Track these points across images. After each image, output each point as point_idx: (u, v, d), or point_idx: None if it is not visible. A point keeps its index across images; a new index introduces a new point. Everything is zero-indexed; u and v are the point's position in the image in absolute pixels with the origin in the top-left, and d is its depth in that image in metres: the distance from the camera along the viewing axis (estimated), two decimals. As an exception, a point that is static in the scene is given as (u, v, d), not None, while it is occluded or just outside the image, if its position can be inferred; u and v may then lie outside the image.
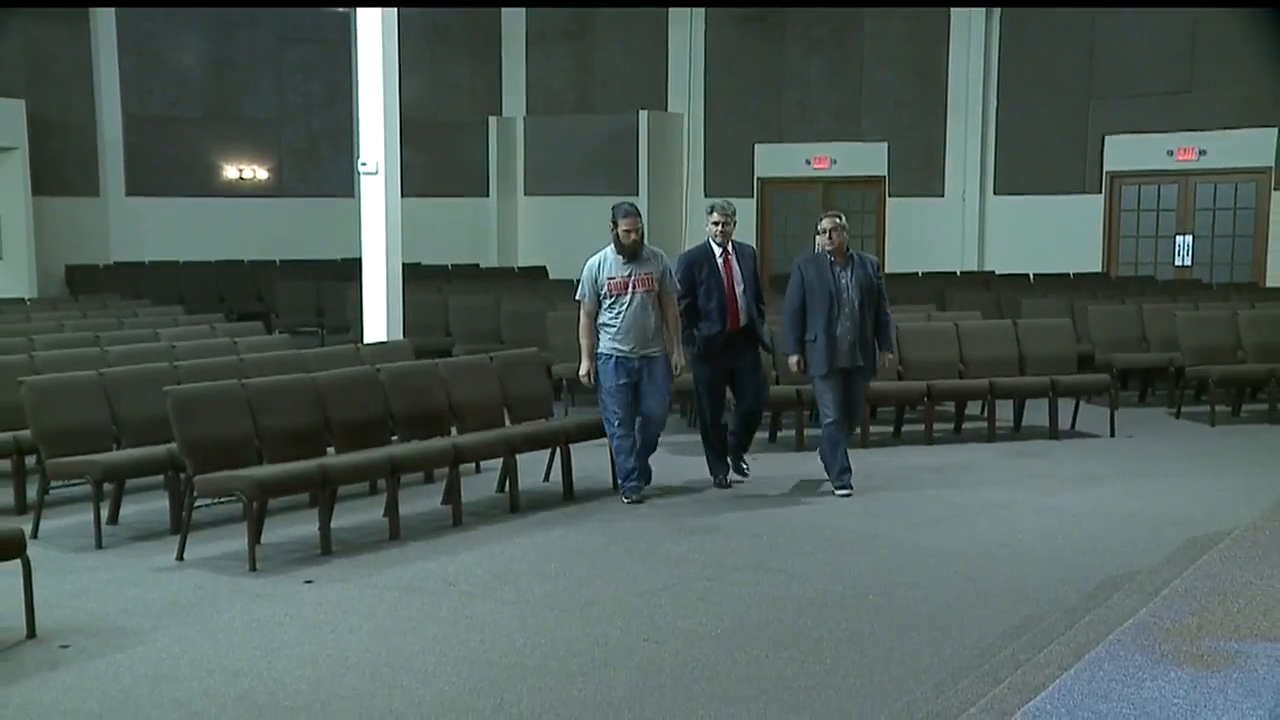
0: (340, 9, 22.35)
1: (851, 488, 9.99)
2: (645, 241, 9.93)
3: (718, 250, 10.17)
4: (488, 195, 25.24)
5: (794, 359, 10.00)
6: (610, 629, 6.97)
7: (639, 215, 9.89)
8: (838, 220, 10.03)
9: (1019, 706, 4.96)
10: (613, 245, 9.80)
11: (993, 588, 7.73)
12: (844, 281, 9.85)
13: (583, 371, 9.92)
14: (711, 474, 10.46)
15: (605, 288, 9.71)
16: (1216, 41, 20.04)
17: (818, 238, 10.05)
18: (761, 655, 6.56)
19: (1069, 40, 21.61)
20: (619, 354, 9.69)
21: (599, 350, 9.76)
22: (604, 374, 9.76)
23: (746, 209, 23.96)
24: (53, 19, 22.84)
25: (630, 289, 9.67)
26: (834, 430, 9.98)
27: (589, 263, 9.87)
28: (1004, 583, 7.84)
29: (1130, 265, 21.42)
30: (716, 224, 10.17)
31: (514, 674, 6.29)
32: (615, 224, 9.80)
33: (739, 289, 10.11)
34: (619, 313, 9.68)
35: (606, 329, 9.74)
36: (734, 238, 10.29)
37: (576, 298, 10.02)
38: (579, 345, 10.00)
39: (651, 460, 10.07)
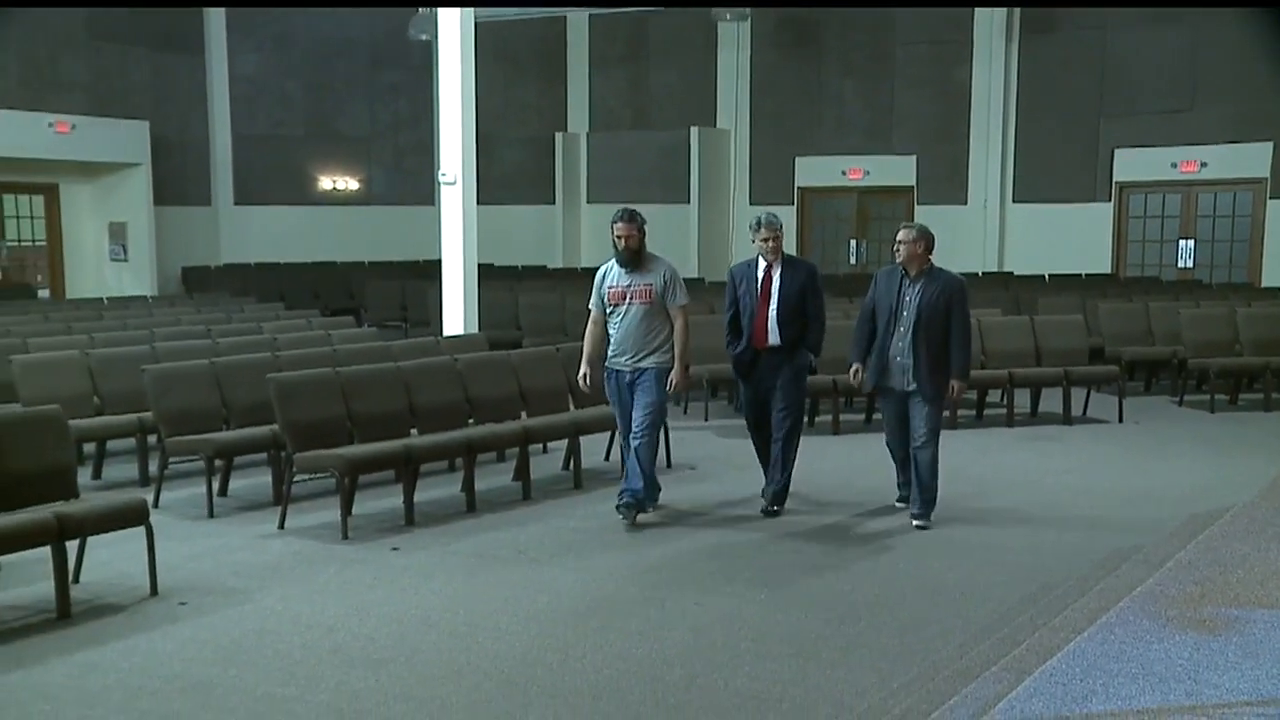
0: (424, 38, 22.41)
1: (922, 520, 8.37)
2: (649, 249, 8.66)
3: (762, 265, 8.72)
4: (554, 203, 25.25)
5: (853, 369, 8.69)
6: (665, 593, 6.96)
7: (635, 221, 8.51)
8: (911, 232, 8.40)
9: (1037, 666, 4.93)
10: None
11: (1011, 559, 7.67)
12: (907, 298, 8.31)
13: (579, 375, 8.88)
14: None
15: (607, 296, 8.58)
16: (1216, 64, 19.91)
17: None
18: (801, 617, 6.53)
19: (1081, 63, 21.44)
20: (615, 368, 8.60)
21: (605, 365, 8.70)
22: (606, 390, 8.80)
23: (787, 216, 23.71)
24: (173, 50, 23.09)
25: (627, 300, 8.48)
26: (893, 447, 8.71)
27: (598, 271, 8.83)
28: (1022, 554, 7.77)
29: (1137, 267, 21.27)
30: (765, 240, 8.65)
31: (578, 633, 6.29)
32: (611, 230, 8.64)
33: (772, 307, 8.61)
34: (616, 323, 8.54)
35: (609, 340, 8.66)
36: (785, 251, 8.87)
37: (589, 306, 8.86)
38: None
39: (711, 441, 9.47)
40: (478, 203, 13.29)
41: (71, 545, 6.76)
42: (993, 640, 5.93)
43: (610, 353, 8.60)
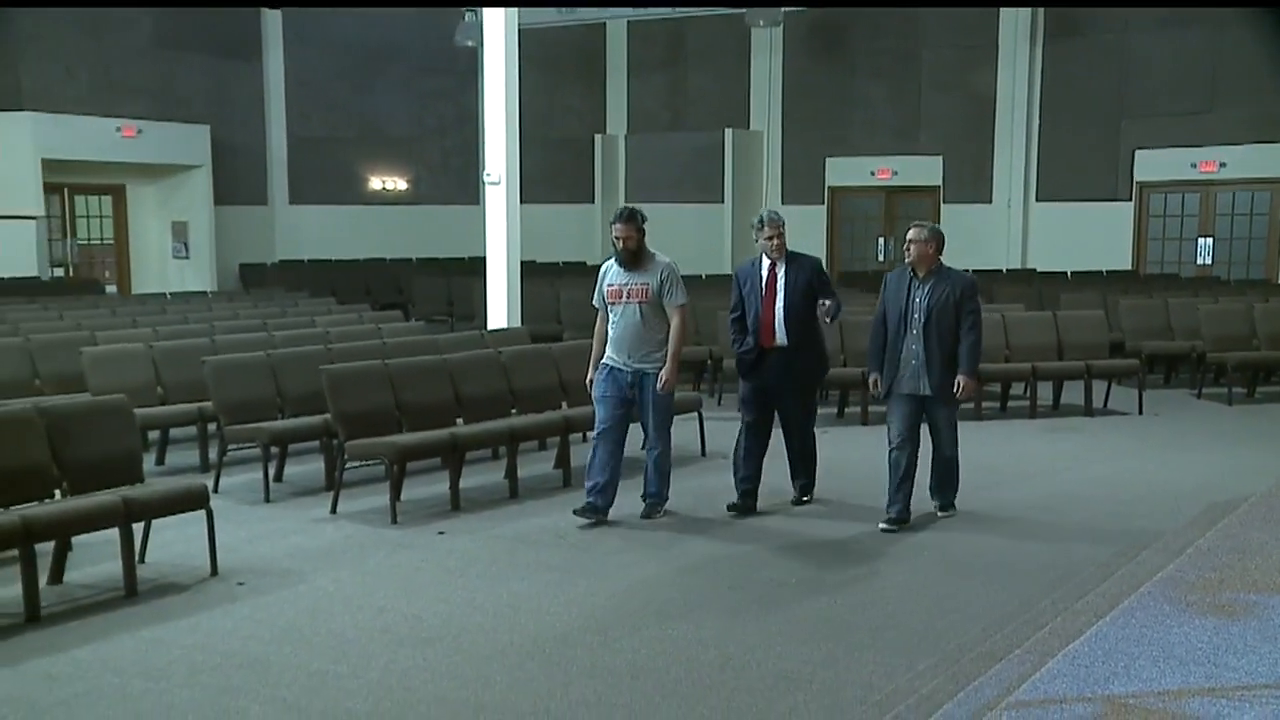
0: (469, 44, 22.45)
1: (893, 525, 7.87)
2: (649, 249, 8.18)
3: (766, 264, 8.31)
4: (593, 202, 25.26)
5: (871, 378, 8.14)
6: (700, 578, 6.96)
7: (634, 221, 8.06)
8: (922, 231, 7.88)
9: (1060, 649, 4.90)
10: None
11: (1035, 545, 7.62)
12: (917, 299, 7.80)
13: (587, 378, 8.41)
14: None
15: (606, 294, 8.17)
16: (1235, 66, 19.73)
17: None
18: (832, 600, 6.51)
19: (1103, 65, 21.29)
20: (612, 364, 8.13)
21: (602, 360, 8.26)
22: (596, 381, 8.27)
23: (818, 215, 23.87)
24: (232, 58, 23.25)
25: (624, 299, 8.05)
26: (893, 455, 7.99)
27: (600, 269, 8.43)
28: (1045, 541, 7.72)
29: (1157, 264, 21.09)
30: (770, 239, 8.23)
31: (616, 615, 6.29)
32: (611, 230, 8.24)
33: (778, 305, 8.18)
34: (614, 322, 8.11)
35: (609, 337, 8.24)
36: (794, 248, 8.41)
37: (594, 304, 8.43)
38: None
39: None
40: (520, 202, 13.30)
41: (137, 528, 6.82)
42: (1016, 624, 5.90)
43: (608, 348, 8.19)
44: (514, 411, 9.57)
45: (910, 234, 7.92)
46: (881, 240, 23.57)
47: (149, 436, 9.82)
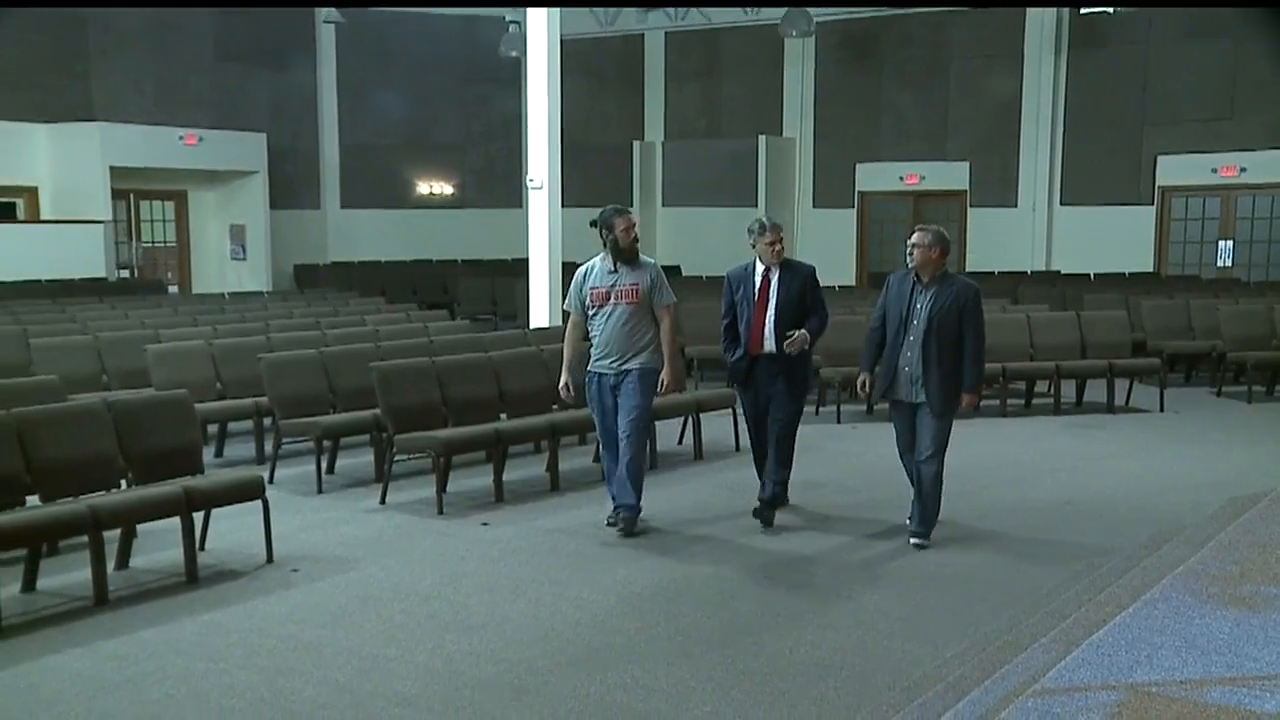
0: (513, 54, 22.49)
1: (921, 538, 7.34)
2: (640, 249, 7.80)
3: (759, 269, 7.82)
4: (632, 206, 25.26)
5: (861, 379, 7.63)
6: (733, 567, 6.94)
7: (630, 214, 7.75)
8: (927, 236, 7.29)
9: (1084, 638, 4.85)
10: (602, 254, 7.68)
11: (1058, 537, 7.56)
12: (919, 305, 7.19)
13: (560, 384, 7.86)
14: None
15: (589, 298, 7.60)
16: (1254, 76, 19.50)
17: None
18: (860, 591, 6.48)
19: (1126, 75, 21.08)
20: (599, 372, 7.60)
21: (588, 368, 7.73)
22: (587, 394, 7.78)
23: (849, 218, 23.78)
24: (288, 69, 23.43)
25: (612, 300, 7.53)
26: (906, 462, 7.56)
27: (576, 272, 7.78)
28: (1068, 533, 7.66)
29: (1178, 266, 20.85)
30: (770, 244, 7.74)
31: (654, 603, 6.29)
32: (612, 228, 7.61)
33: (769, 313, 7.71)
34: (600, 325, 7.56)
35: (592, 343, 7.71)
36: (790, 255, 8.07)
37: (564, 308, 8.00)
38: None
39: None
40: (562, 205, 13.33)
41: (198, 517, 6.87)
42: (1040, 614, 5.85)
43: (594, 355, 7.62)
44: (555, 407, 9.56)
45: (914, 238, 7.32)
46: (909, 242, 23.42)
47: (208, 430, 9.89)
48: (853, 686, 5.13)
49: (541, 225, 13.14)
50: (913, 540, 7.33)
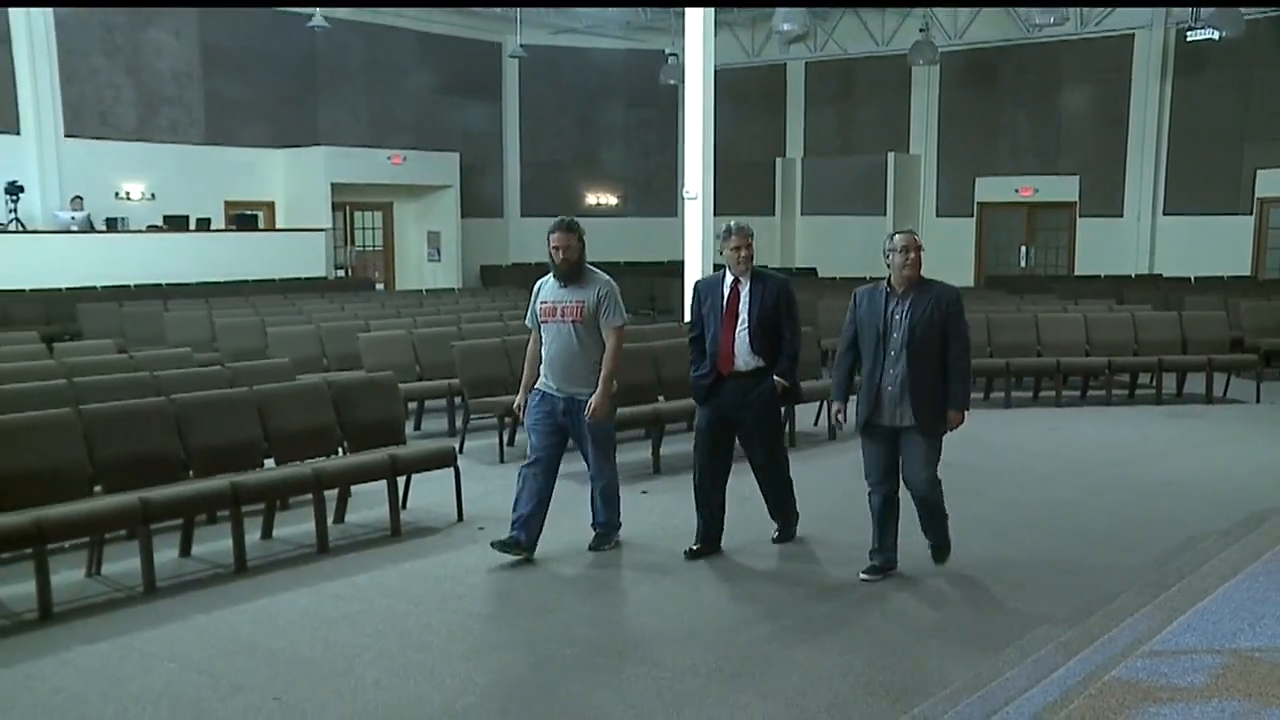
0: (671, 83, 22.53)
1: (877, 574, 5.89)
2: (589, 265, 6.48)
3: (729, 280, 6.30)
4: (774, 215, 25.08)
5: (835, 408, 6.11)
6: (858, 535, 6.83)
7: (574, 231, 6.33)
8: (915, 238, 5.73)
9: (1188, 606, 4.64)
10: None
11: (1159, 516, 7.26)
12: (897, 316, 5.67)
13: (515, 403, 6.63)
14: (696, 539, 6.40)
15: (540, 312, 6.36)
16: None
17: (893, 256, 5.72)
18: (973, 560, 6.31)
19: (1228, 95, 20.11)
20: (545, 389, 6.30)
21: (536, 384, 6.42)
22: (529, 408, 6.41)
23: (968, 226, 23.19)
24: (478, 99, 23.95)
25: (558, 317, 6.26)
26: (873, 498, 5.93)
27: (534, 286, 6.59)
28: (1169, 512, 7.35)
29: (1275, 271, 19.89)
30: (736, 249, 6.21)
31: (793, 555, 6.21)
32: (547, 241, 6.38)
33: (739, 328, 6.18)
34: (547, 343, 6.29)
35: (543, 359, 6.39)
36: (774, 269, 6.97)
37: (526, 322, 6.66)
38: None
39: None
40: (714, 214, 13.30)
41: (400, 481, 7.05)
42: (1143, 585, 5.62)
43: (541, 372, 6.36)
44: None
45: (898, 240, 5.68)
46: (1023, 248, 22.79)
47: (409, 406, 10.11)
48: (967, 641, 5.02)
49: (695, 231, 13.14)
50: (936, 560, 5.99)
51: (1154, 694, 3.67)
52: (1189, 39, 19.47)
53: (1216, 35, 18.68)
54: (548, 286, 6.39)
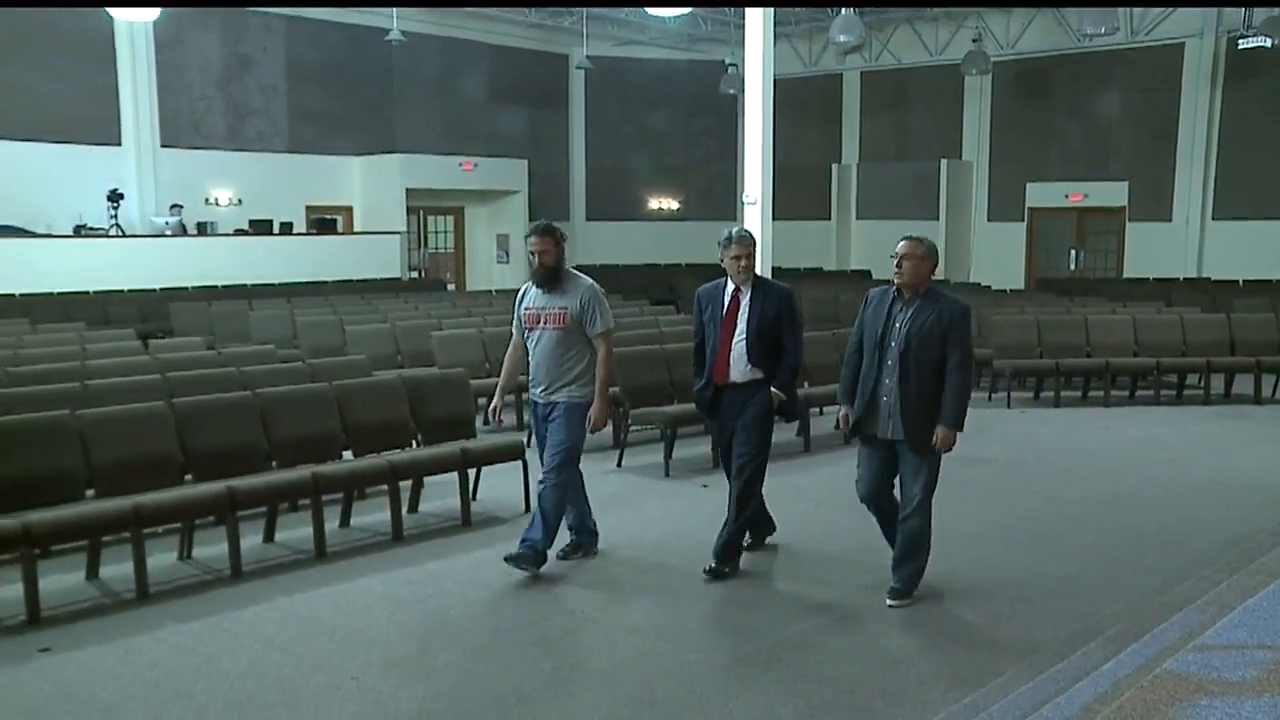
0: (731, 92, 22.46)
1: (900, 598, 5.34)
2: (568, 267, 6.16)
3: (730, 289, 6.00)
4: (830, 219, 24.88)
5: (841, 412, 5.54)
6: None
7: (552, 235, 5.97)
8: (918, 246, 5.28)
9: (1239, 602, 4.54)
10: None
11: (1208, 513, 7.11)
12: (897, 324, 5.26)
13: (490, 407, 6.40)
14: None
15: (524, 319, 6.07)
16: None
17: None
18: (1026, 555, 6.24)
19: (1277, 103, 19.50)
20: (533, 400, 6.03)
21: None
22: (533, 421, 6.17)
23: (1019, 231, 22.82)
24: (545, 108, 24.06)
25: (541, 323, 5.95)
26: (867, 504, 5.53)
27: (518, 292, 6.33)
28: (1218, 509, 7.19)
29: (1325, 274, 19.24)
30: (736, 258, 5.87)
31: (849, 550, 6.17)
32: (525, 245, 6.10)
33: (737, 338, 5.86)
34: (532, 349, 6.00)
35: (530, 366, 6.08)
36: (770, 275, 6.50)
37: (511, 329, 6.35)
38: None
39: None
40: (772, 218, 13.24)
41: (471, 473, 7.11)
42: (1193, 579, 5.51)
43: (529, 381, 6.09)
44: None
45: (902, 247, 5.28)
46: (1073, 251, 22.39)
47: (478, 401, 10.20)
48: (1016, 634, 4.95)
49: (755, 235, 13.07)
50: (890, 602, 5.33)
51: (1206, 687, 3.59)
52: (1240, 47, 19.00)
53: (1268, 43, 18.20)
54: (531, 292, 6.06)
